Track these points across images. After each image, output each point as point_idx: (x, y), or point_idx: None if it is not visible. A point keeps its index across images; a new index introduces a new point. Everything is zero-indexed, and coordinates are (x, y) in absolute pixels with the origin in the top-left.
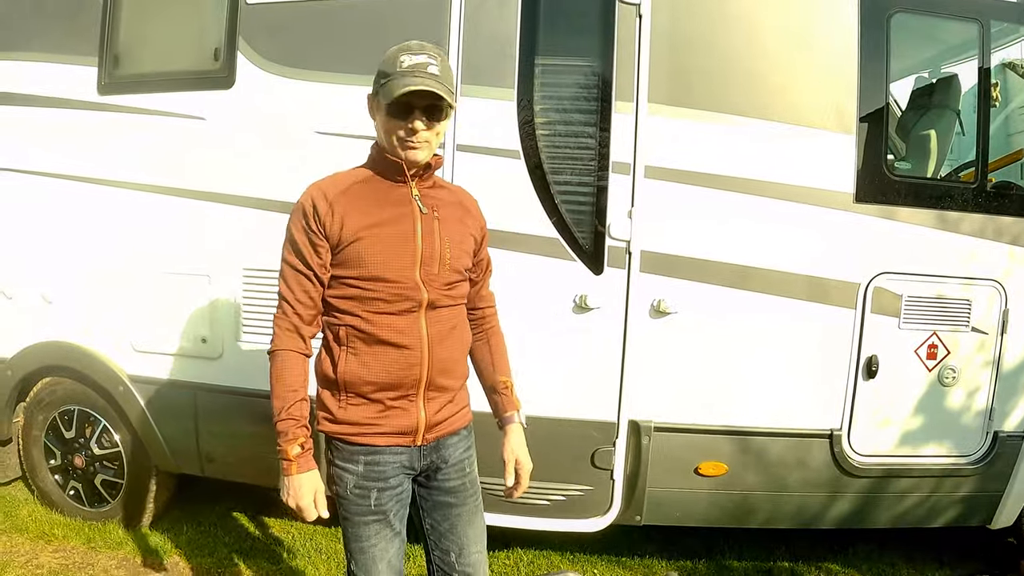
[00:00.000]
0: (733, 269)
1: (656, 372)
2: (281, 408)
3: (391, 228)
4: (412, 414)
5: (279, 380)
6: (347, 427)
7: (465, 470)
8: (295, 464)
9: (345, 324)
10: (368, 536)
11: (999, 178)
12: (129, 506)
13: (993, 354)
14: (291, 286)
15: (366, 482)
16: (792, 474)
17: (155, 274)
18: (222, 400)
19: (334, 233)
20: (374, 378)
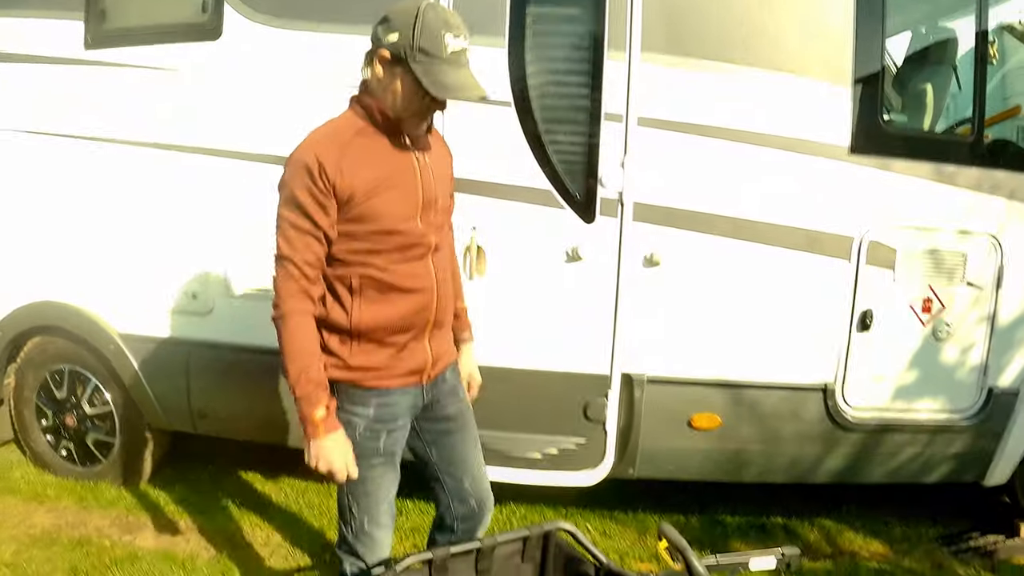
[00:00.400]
0: (727, 220)
1: (649, 324)
2: (300, 372)
3: (398, 181)
4: (422, 354)
5: (293, 344)
6: (361, 373)
7: (459, 395)
8: (322, 427)
9: (359, 274)
10: (374, 478)
11: (995, 136)
12: (121, 465)
13: (988, 309)
14: (297, 247)
15: (377, 424)
16: (786, 428)
17: (145, 231)
18: (213, 356)
19: (344, 192)
20: (392, 323)
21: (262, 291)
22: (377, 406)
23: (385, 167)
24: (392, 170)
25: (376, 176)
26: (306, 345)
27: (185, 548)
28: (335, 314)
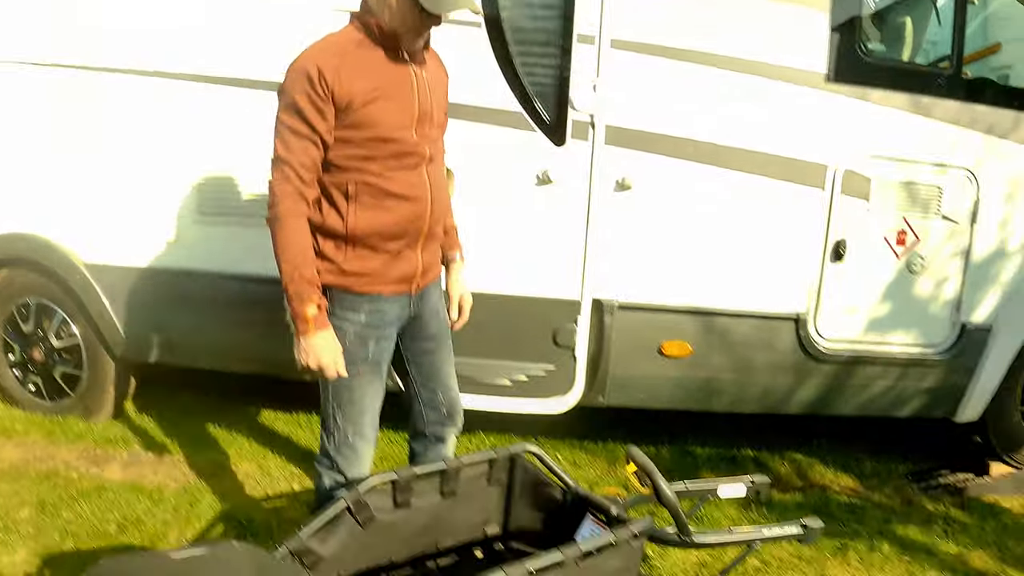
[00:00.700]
0: (700, 145)
1: (620, 249)
2: (292, 270)
3: (394, 91)
4: (413, 262)
5: (288, 243)
6: (354, 278)
7: (440, 315)
8: (312, 324)
9: (355, 180)
10: (360, 386)
11: (976, 73)
12: (89, 399)
13: (964, 244)
14: (294, 150)
15: (367, 330)
16: (757, 357)
17: (110, 159)
18: (180, 285)
19: (342, 98)
20: (386, 229)
21: (228, 218)
22: (368, 312)
23: (382, 77)
24: (389, 81)
25: (374, 85)
26: (299, 245)
27: (153, 479)
28: (331, 220)
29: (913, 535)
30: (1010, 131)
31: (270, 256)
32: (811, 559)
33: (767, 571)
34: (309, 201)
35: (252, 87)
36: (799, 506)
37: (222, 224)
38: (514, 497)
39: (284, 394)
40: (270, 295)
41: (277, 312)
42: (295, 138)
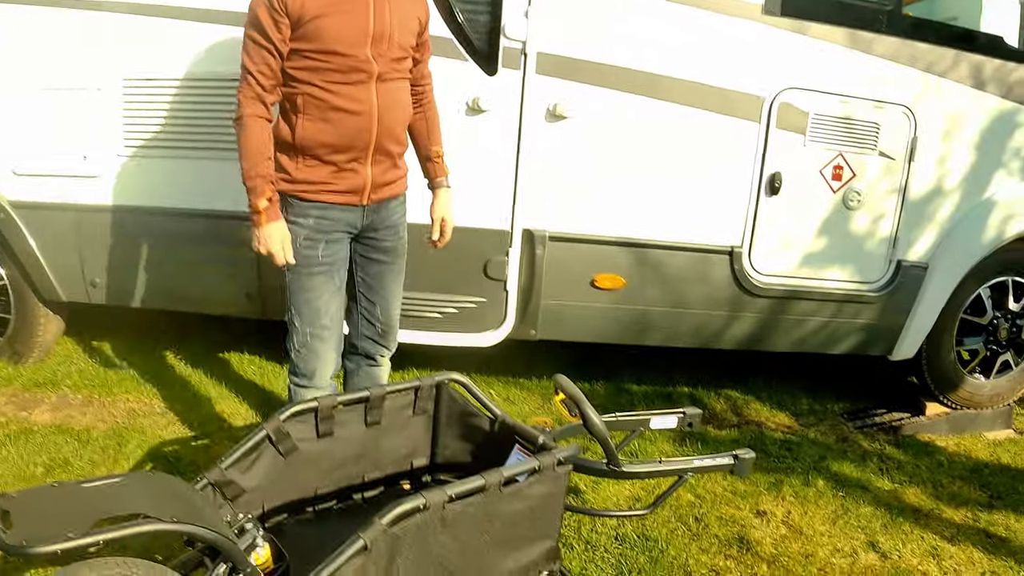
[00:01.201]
0: (634, 75)
1: (552, 180)
2: (250, 168)
3: (347, 7)
4: (361, 175)
5: (247, 144)
6: (303, 186)
7: (399, 233)
8: (264, 215)
9: (302, 93)
10: (314, 287)
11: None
12: (18, 341)
13: (900, 181)
14: (254, 59)
15: (316, 234)
16: (691, 291)
17: (31, 90)
18: (105, 221)
19: (295, 10)
20: (329, 141)
21: (149, 150)
22: (316, 218)
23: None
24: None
25: (328, 1)
26: (257, 144)
27: (81, 421)
28: (282, 131)
29: (848, 471)
30: (949, 69)
31: (196, 190)
32: (745, 493)
33: (701, 505)
34: (267, 105)
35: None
36: (735, 442)
37: (147, 157)
38: (441, 427)
39: (214, 333)
40: (199, 230)
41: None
42: (255, 47)
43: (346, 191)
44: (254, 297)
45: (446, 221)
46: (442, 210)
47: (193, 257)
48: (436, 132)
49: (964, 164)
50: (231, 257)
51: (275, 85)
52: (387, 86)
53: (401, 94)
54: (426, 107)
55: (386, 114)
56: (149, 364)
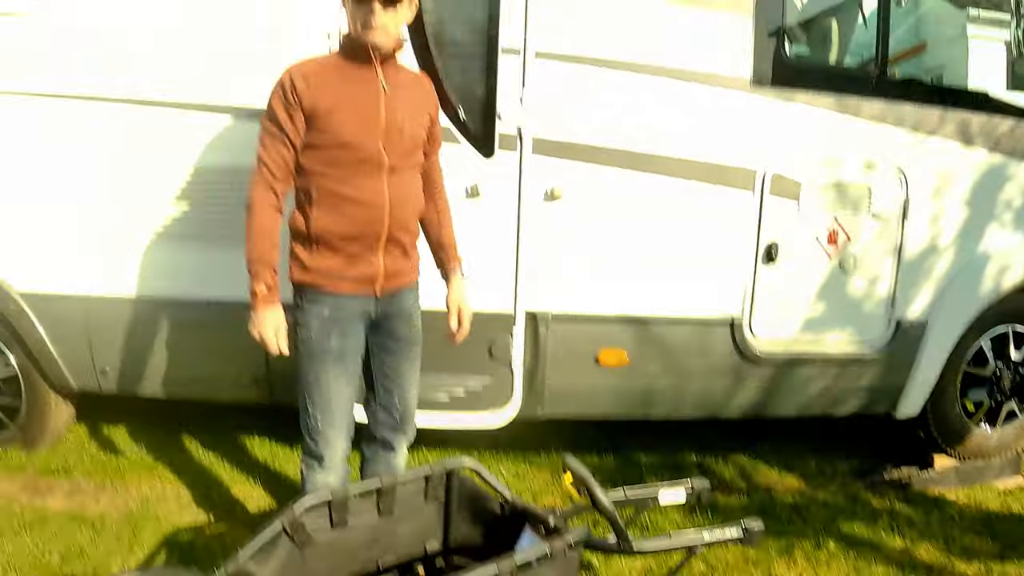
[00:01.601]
0: (629, 153)
1: (552, 259)
2: (252, 251)
3: (358, 102)
4: (373, 264)
5: (253, 229)
6: (316, 275)
7: (413, 322)
8: (261, 300)
9: (316, 184)
10: (326, 377)
11: (903, 72)
12: (29, 429)
13: (895, 241)
14: (268, 148)
15: (329, 324)
16: (694, 362)
17: (38, 182)
18: (114, 310)
19: (309, 105)
20: (342, 231)
21: (159, 241)
22: (331, 307)
23: (350, 89)
24: (356, 93)
25: (340, 95)
26: (262, 229)
27: (95, 508)
28: (297, 221)
29: (859, 531)
30: (937, 128)
31: (202, 278)
32: (758, 560)
33: (713, 575)
34: (279, 193)
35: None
36: (745, 509)
37: (151, 249)
38: (453, 512)
39: (224, 417)
40: (206, 318)
41: (213, 335)
42: (269, 138)
43: (359, 280)
44: (261, 383)
45: (463, 310)
46: (458, 299)
47: (201, 345)
48: (447, 222)
49: (957, 219)
50: (238, 344)
51: (287, 175)
52: (398, 178)
53: (412, 186)
54: (437, 197)
55: (397, 205)
56: (161, 449)
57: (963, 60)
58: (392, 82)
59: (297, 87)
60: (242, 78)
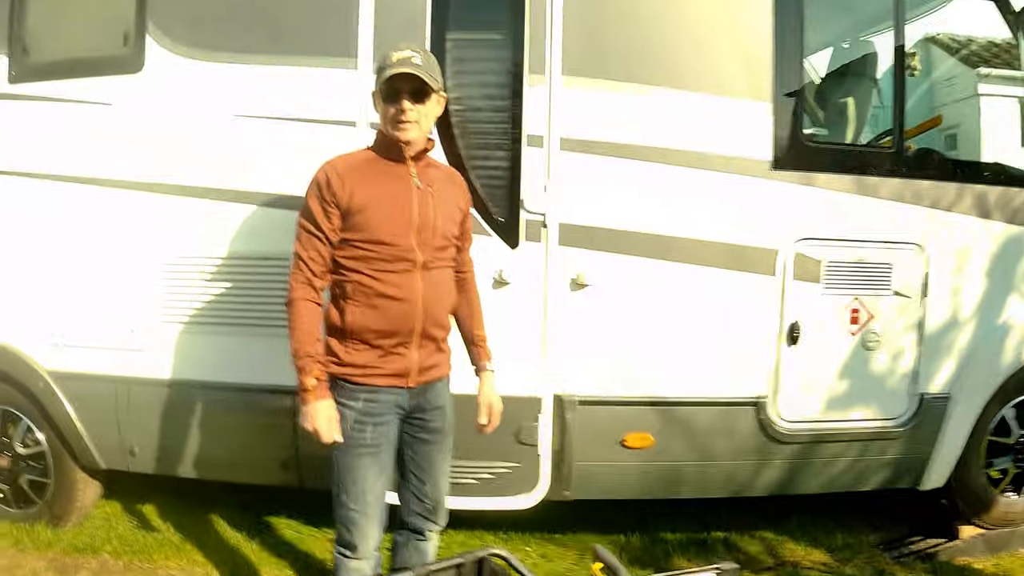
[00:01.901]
0: (652, 239)
1: (578, 345)
2: (299, 348)
3: (391, 199)
4: (407, 359)
5: (297, 325)
6: (351, 369)
7: (446, 413)
8: (312, 393)
9: (351, 280)
10: (360, 467)
11: (919, 145)
12: (57, 506)
13: (916, 317)
14: (305, 246)
15: (364, 417)
16: (719, 443)
17: (73, 266)
18: (144, 392)
19: (344, 202)
20: (376, 326)
21: (191, 326)
22: (365, 401)
23: (384, 187)
24: (389, 190)
25: (374, 193)
26: (307, 326)
27: None
28: (333, 316)
29: None
30: (954, 203)
31: (234, 364)
32: None
33: None
34: (318, 289)
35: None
36: None
37: (183, 332)
38: None
39: (252, 497)
40: (237, 402)
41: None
42: (307, 235)
43: (393, 374)
44: (291, 467)
45: (493, 404)
46: (488, 394)
47: (231, 428)
48: (478, 316)
49: (977, 292)
50: (268, 429)
51: (325, 271)
52: (431, 274)
53: (445, 281)
54: (468, 292)
55: (430, 301)
56: (189, 528)
57: (977, 126)
58: (424, 179)
59: (332, 185)
60: (274, 167)
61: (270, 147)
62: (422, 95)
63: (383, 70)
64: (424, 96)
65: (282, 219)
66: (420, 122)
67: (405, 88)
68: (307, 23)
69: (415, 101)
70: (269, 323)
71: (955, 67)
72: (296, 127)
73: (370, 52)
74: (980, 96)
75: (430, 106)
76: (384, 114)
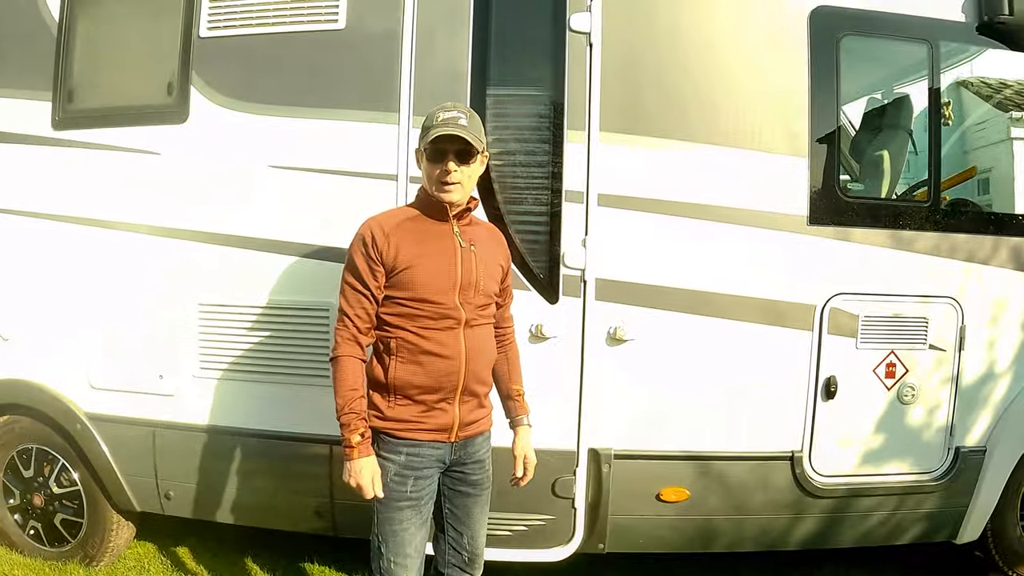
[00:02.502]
0: (689, 295)
1: (615, 399)
2: (344, 404)
3: (435, 258)
4: (449, 414)
5: (341, 382)
6: (394, 423)
7: (485, 467)
8: (356, 450)
9: (396, 337)
10: (401, 520)
11: (954, 196)
12: (90, 545)
13: (952, 371)
14: (351, 302)
15: (405, 471)
16: (754, 497)
17: (111, 310)
18: (180, 437)
19: (389, 260)
20: (420, 382)
21: (228, 373)
22: (407, 455)
23: (428, 245)
24: (433, 249)
25: (418, 252)
26: (351, 382)
27: None
28: (376, 371)
29: None
30: (990, 257)
31: (269, 412)
32: None
33: None
34: (363, 346)
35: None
36: None
37: (220, 379)
38: None
39: (285, 543)
40: (273, 450)
41: (279, 466)
42: (352, 292)
43: (435, 429)
44: (325, 516)
45: (528, 458)
46: (524, 448)
47: (266, 475)
48: (517, 372)
49: (1013, 344)
50: (303, 476)
51: (370, 328)
52: (474, 331)
53: (487, 339)
54: (508, 348)
55: (473, 358)
56: (221, 573)
57: (1011, 172)
58: (467, 237)
59: (377, 242)
60: (312, 218)
61: (309, 198)
62: (467, 156)
63: (428, 130)
64: (469, 157)
65: (319, 270)
66: (464, 183)
67: (451, 149)
68: (349, 77)
69: (460, 162)
70: (302, 372)
71: (988, 112)
72: (335, 180)
73: (410, 106)
74: (1013, 141)
75: (474, 167)
76: (429, 174)
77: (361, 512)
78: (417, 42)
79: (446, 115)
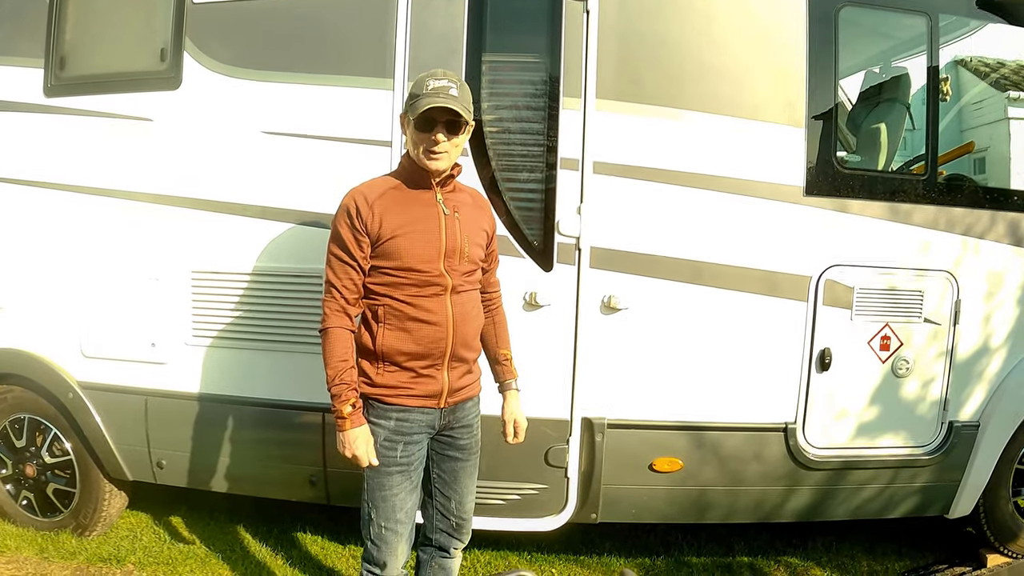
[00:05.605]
0: (684, 264)
1: (608, 368)
2: (335, 376)
3: (420, 226)
4: (438, 380)
5: (331, 353)
6: (383, 390)
7: (474, 432)
8: (348, 420)
9: (383, 304)
10: (391, 485)
11: (951, 171)
12: (82, 515)
13: (946, 345)
14: (338, 274)
15: (395, 436)
16: (748, 468)
17: (103, 278)
18: (172, 405)
19: (374, 230)
20: (408, 349)
21: (220, 341)
22: (396, 420)
23: (412, 214)
24: (418, 217)
25: (403, 220)
26: (340, 353)
27: None
28: (364, 339)
29: None
30: (987, 231)
31: (261, 379)
32: None
33: None
34: (351, 316)
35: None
36: None
37: (211, 347)
38: None
39: (277, 511)
40: (265, 418)
41: (271, 435)
42: (338, 263)
43: (424, 395)
44: (319, 485)
45: (518, 422)
46: (513, 412)
47: (259, 444)
48: (504, 336)
49: (1008, 320)
50: (296, 445)
51: (358, 298)
52: (460, 297)
53: (473, 304)
54: (494, 313)
55: (460, 324)
56: (214, 541)
57: (1007, 152)
58: (451, 204)
59: (362, 213)
60: (306, 184)
61: (303, 165)
62: (456, 127)
63: (417, 98)
64: (458, 128)
65: (312, 236)
66: (451, 152)
67: (441, 119)
68: (344, 43)
69: (450, 133)
70: (296, 340)
71: (986, 91)
72: (330, 146)
73: (405, 72)
74: (1011, 120)
75: (462, 137)
76: (415, 141)
77: (354, 480)
78: (412, 7)
79: (436, 84)
